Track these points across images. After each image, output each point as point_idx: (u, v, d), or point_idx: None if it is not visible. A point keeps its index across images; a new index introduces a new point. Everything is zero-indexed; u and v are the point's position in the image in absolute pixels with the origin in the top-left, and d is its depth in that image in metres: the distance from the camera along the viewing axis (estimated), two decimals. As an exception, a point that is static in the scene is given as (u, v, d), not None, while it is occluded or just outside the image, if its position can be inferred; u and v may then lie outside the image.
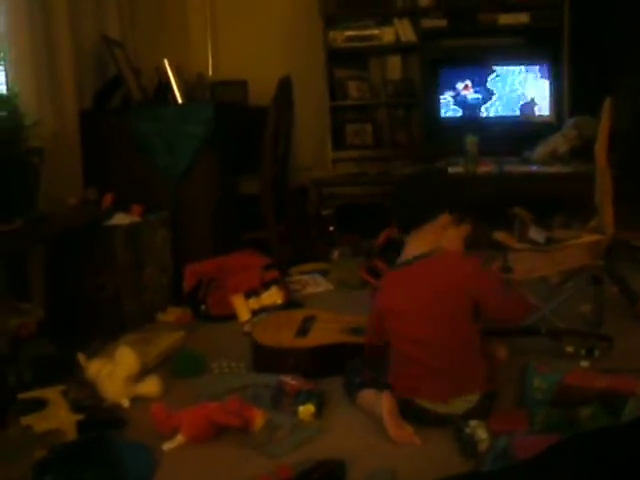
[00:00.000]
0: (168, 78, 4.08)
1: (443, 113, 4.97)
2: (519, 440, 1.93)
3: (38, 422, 2.32)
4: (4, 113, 2.92)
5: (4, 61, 3.36)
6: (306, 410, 2.34)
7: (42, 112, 3.34)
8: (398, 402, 2.24)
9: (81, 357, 2.65)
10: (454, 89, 4.96)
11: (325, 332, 2.83)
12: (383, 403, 2.25)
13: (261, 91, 4.57)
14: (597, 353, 2.66)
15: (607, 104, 2.97)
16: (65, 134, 3.56)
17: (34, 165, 2.97)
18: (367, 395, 2.35)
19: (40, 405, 2.40)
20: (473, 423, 2.08)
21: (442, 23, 4.94)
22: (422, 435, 2.18)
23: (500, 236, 2.97)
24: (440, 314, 2.25)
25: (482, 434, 2.06)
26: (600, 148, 2.95)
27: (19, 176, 2.86)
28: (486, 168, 4.36)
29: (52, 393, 2.46)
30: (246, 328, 3.20)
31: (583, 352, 2.66)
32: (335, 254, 4.21)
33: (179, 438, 2.22)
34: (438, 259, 2.32)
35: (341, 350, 2.70)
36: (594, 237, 2.89)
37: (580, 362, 2.59)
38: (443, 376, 2.23)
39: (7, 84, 3.34)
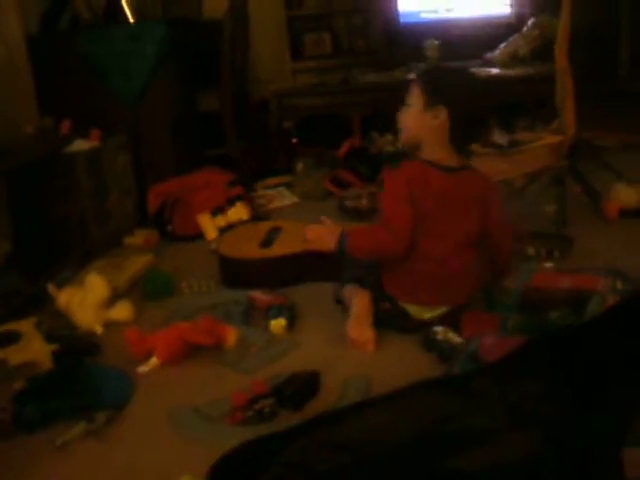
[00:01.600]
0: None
1: (401, 18, 4.89)
2: (486, 342, 1.97)
3: (13, 355, 2.33)
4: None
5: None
6: (277, 324, 2.37)
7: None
8: (381, 304, 2.28)
9: (51, 287, 2.64)
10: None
11: (289, 242, 2.84)
12: (355, 303, 2.29)
13: (216, 4, 4.45)
14: (557, 254, 2.71)
15: (565, 3, 2.94)
16: (13, 61, 3.46)
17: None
18: (349, 291, 2.38)
19: (14, 338, 2.42)
20: (440, 329, 2.13)
21: None
22: (395, 342, 2.23)
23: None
24: (461, 231, 2.24)
25: (455, 338, 2.10)
26: (560, 47, 2.93)
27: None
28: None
29: (25, 325, 2.48)
30: (213, 246, 3.21)
31: (543, 253, 2.70)
32: (299, 166, 4.19)
33: (154, 360, 2.24)
34: (473, 173, 2.30)
35: (306, 259, 2.71)
36: (556, 138, 2.90)
37: (545, 263, 2.63)
38: (442, 285, 2.25)
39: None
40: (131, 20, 3.97)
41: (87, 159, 3.35)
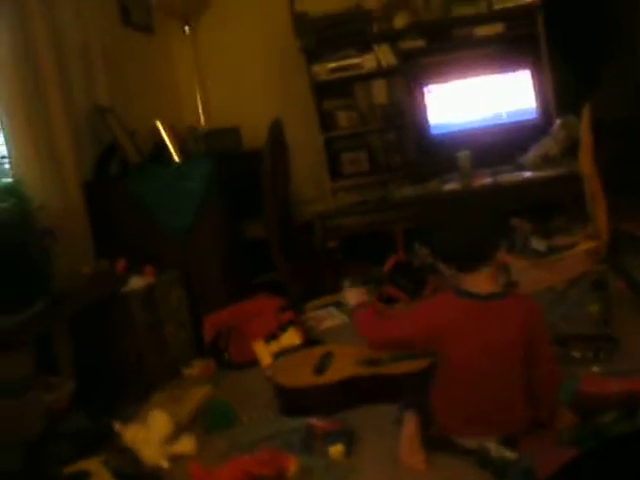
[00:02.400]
0: (162, 138, 4.20)
1: (433, 130, 5.07)
2: (540, 456, 2.01)
3: (84, 495, 2.43)
4: (12, 201, 3.03)
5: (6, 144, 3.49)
6: (336, 450, 2.44)
7: (47, 191, 3.47)
8: (431, 427, 2.33)
9: (117, 425, 2.75)
10: (440, 106, 5.06)
11: (342, 367, 2.93)
12: (405, 426, 2.35)
13: (255, 135, 4.69)
14: (602, 356, 2.73)
15: (585, 111, 3.07)
16: (72, 208, 3.69)
17: (46, 246, 3.08)
18: (403, 415, 2.43)
19: (84, 477, 2.52)
20: (493, 445, 2.16)
21: (420, 43, 5.05)
22: (444, 461, 2.27)
23: (502, 256, 3.05)
24: (500, 357, 2.21)
25: (509, 454, 2.13)
26: (584, 156, 3.04)
27: (33, 259, 2.97)
28: (481, 181, 4.45)
29: (94, 464, 2.58)
30: (268, 373, 3.30)
31: (590, 355, 2.73)
32: (346, 284, 4.30)
33: (219, 495, 2.31)
34: (512, 301, 2.28)
35: (359, 382, 2.81)
36: (591, 244, 2.98)
37: (591, 367, 2.66)
38: (489, 420, 2.23)
39: (11, 168, 3.48)
40: (176, 159, 4.19)
41: (142, 296, 3.51)
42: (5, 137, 3.48)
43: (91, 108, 4.10)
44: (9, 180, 3.31)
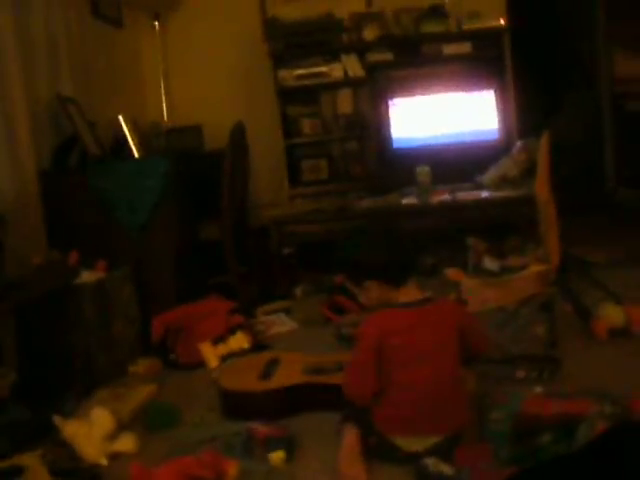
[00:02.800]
0: (124, 133, 4.17)
1: (395, 144, 5.10)
2: (477, 474, 2.03)
3: (17, 490, 2.39)
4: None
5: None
6: (277, 456, 2.43)
7: (1, 177, 3.42)
8: (370, 439, 2.35)
9: (57, 419, 2.71)
10: (404, 119, 5.10)
11: (287, 374, 2.93)
12: (345, 437, 2.36)
13: (217, 135, 4.68)
14: (546, 376, 2.78)
15: (544, 138, 3.12)
16: (25, 196, 3.63)
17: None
18: (341, 427, 2.45)
19: (18, 472, 2.47)
20: (432, 461, 2.19)
21: (388, 57, 5.10)
22: (388, 474, 2.28)
23: (451, 273, 3.10)
24: (439, 356, 2.33)
25: (447, 470, 2.16)
26: (540, 183, 3.10)
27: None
28: (439, 197, 4.50)
29: (30, 459, 2.53)
30: (214, 375, 3.29)
31: (534, 375, 2.78)
32: (298, 292, 4.31)
33: (156, 495, 2.29)
34: (439, 304, 2.44)
35: (304, 390, 2.81)
36: (541, 267, 3.03)
37: (534, 387, 2.70)
38: (430, 415, 2.30)
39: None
40: (136, 155, 4.16)
41: (93, 290, 3.47)
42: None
43: (53, 97, 4.05)
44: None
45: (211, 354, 3.56)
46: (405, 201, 4.59)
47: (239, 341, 3.63)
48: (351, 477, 2.27)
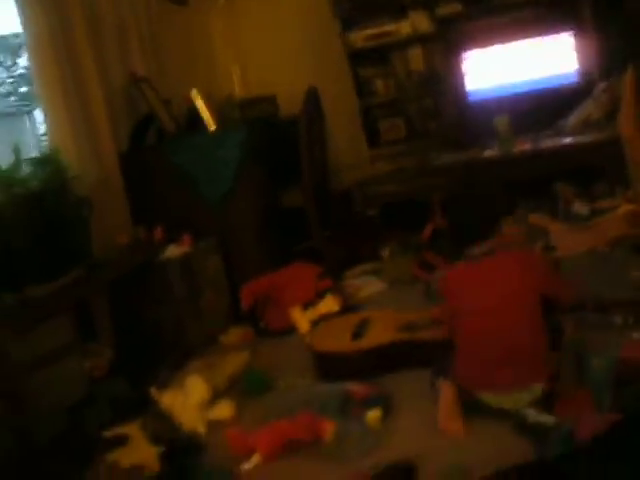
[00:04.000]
0: (197, 107, 4.18)
1: (471, 97, 4.98)
2: (581, 422, 1.97)
3: (123, 458, 2.46)
4: (48, 171, 3.05)
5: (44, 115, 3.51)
6: (373, 415, 2.42)
7: (83, 161, 3.48)
8: (462, 394, 2.31)
9: (154, 391, 2.77)
10: (479, 71, 4.96)
11: (379, 332, 2.91)
12: (442, 393, 2.33)
13: (291, 102, 4.63)
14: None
15: (629, 72, 2.98)
16: (108, 178, 3.70)
17: (83, 215, 3.10)
18: (438, 382, 2.42)
19: (123, 441, 2.54)
20: (531, 412, 2.13)
21: (457, 8, 4.94)
22: (489, 426, 2.23)
23: (534, 219, 3.01)
24: (512, 309, 2.31)
25: (548, 419, 2.10)
26: (624, 118, 2.96)
27: (71, 228, 2.99)
28: (522, 147, 4.37)
29: (132, 429, 2.60)
30: (306, 339, 3.29)
31: (632, 321, 2.66)
32: (385, 252, 4.27)
33: (256, 458, 2.32)
34: (506, 257, 2.42)
35: (397, 348, 2.79)
36: (630, 207, 2.91)
37: (632, 333, 2.59)
38: (508, 367, 2.25)
39: (48, 139, 3.50)
40: (211, 128, 4.16)
41: (180, 264, 3.51)
42: (42, 109, 3.50)
43: (127, 79, 4.09)
44: (45, 150, 3.31)
45: (302, 319, 3.56)
46: (486, 153, 4.48)
47: (329, 305, 3.62)
48: (450, 432, 2.25)
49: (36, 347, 2.93)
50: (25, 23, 3.44)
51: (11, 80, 4.35)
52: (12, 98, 4.33)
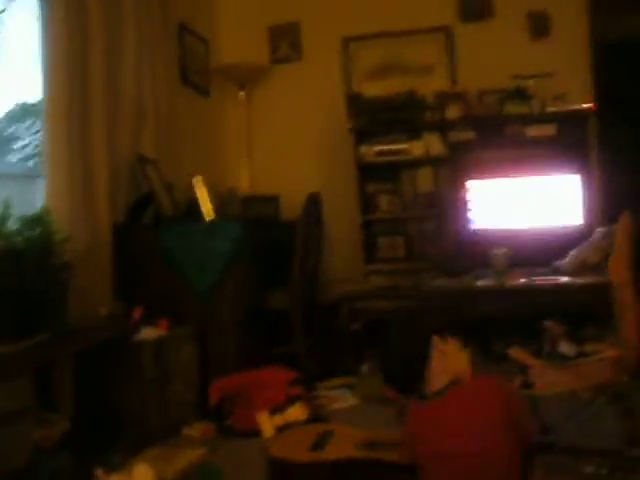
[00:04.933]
0: (198, 195, 4.18)
1: (473, 225, 4.99)
2: None
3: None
4: (37, 230, 3.02)
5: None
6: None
7: (75, 227, 3.46)
8: None
9: (99, 472, 2.65)
10: (483, 201, 4.99)
11: (340, 446, 2.79)
12: None
13: (294, 206, 4.66)
14: (619, 475, 2.55)
15: (624, 217, 2.97)
16: (97, 248, 3.66)
17: (62, 280, 3.04)
18: None
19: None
20: None
21: (470, 136, 5.03)
22: None
23: (515, 353, 2.94)
24: (494, 450, 2.22)
25: None
26: (616, 263, 2.94)
27: (47, 291, 2.93)
28: (516, 280, 4.34)
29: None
30: (266, 443, 3.17)
31: (604, 472, 2.56)
32: (364, 368, 4.18)
33: None
34: (473, 388, 2.32)
35: (354, 465, 2.66)
36: (615, 352, 2.84)
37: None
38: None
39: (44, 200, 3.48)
40: (207, 218, 4.15)
41: (152, 347, 3.43)
42: (43, 164, 3.51)
43: (134, 156, 4.12)
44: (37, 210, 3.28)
45: (267, 423, 3.45)
46: (480, 283, 4.44)
47: (297, 413, 3.51)
48: None
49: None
50: (46, 89, 3.50)
51: (36, 144, 4.44)
52: (31, 162, 4.41)
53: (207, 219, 4.16)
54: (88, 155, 3.72)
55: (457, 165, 5.07)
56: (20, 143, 4.62)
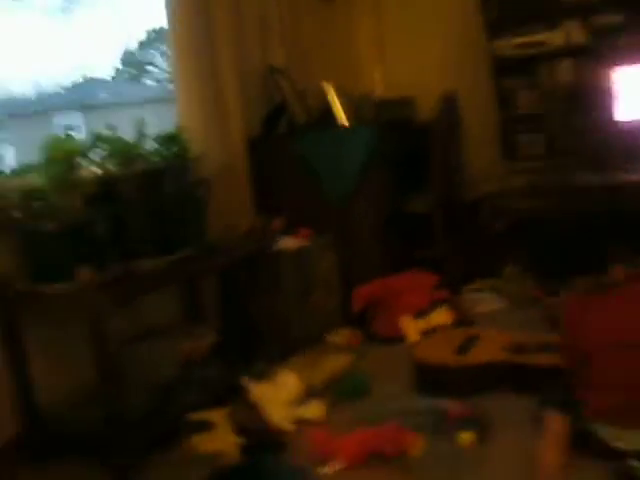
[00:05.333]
0: (330, 101, 4.12)
1: (620, 116, 4.69)
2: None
3: (204, 443, 2.42)
4: (173, 149, 3.06)
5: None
6: (467, 437, 2.28)
7: (209, 143, 3.48)
8: (575, 428, 2.13)
9: (245, 380, 2.72)
10: (631, 90, 4.67)
11: (485, 350, 2.75)
12: (549, 426, 2.14)
13: (430, 107, 4.52)
14: None
15: None
16: (233, 162, 3.68)
17: (201, 196, 3.08)
18: (547, 413, 2.23)
19: (206, 427, 2.51)
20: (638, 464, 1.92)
21: (616, 19, 4.66)
22: (589, 470, 2.05)
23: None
24: None
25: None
26: None
27: (187, 208, 2.98)
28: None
29: (218, 415, 2.56)
30: (414, 349, 3.16)
31: None
32: (507, 270, 4.07)
33: (335, 463, 2.22)
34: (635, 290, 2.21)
35: (500, 368, 2.64)
36: None
37: None
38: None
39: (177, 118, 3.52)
40: (342, 123, 4.09)
41: (293, 257, 3.45)
42: (175, 90, 3.53)
43: (264, 67, 4.08)
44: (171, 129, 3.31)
45: (412, 328, 3.44)
46: (631, 177, 4.19)
47: (441, 316, 3.49)
48: (549, 469, 2.06)
49: (138, 321, 2.96)
50: (170, 13, 3.49)
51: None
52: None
53: (341, 125, 4.09)
54: (217, 72, 3.69)
55: (602, 53, 4.73)
56: (147, 68, 4.68)
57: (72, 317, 2.57)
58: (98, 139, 2.68)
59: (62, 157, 2.43)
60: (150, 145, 3.01)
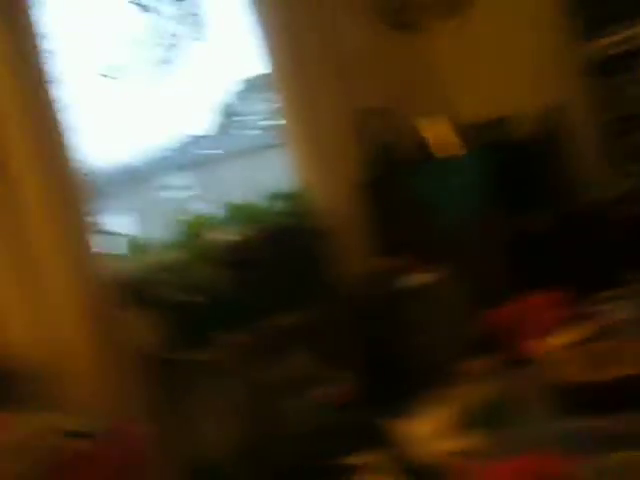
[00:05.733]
0: (427, 135, 4.17)
1: None
2: None
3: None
4: (295, 205, 3.17)
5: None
6: (623, 456, 2.25)
7: (322, 194, 3.58)
8: None
9: (394, 421, 2.78)
10: None
11: (624, 364, 2.71)
12: None
13: (528, 123, 4.51)
14: None
15: None
16: (346, 210, 3.77)
17: (326, 248, 3.18)
18: None
19: (350, 471, 2.57)
20: None
21: None
22: None
23: None
24: None
25: None
26: None
27: (312, 260, 3.09)
28: None
29: (374, 457, 2.62)
30: (549, 369, 3.14)
31: None
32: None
33: (497, 495, 2.24)
34: None
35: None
36: None
37: None
38: None
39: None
40: (445, 154, 4.13)
41: (424, 292, 3.51)
42: (280, 136, 3.63)
43: (360, 111, 4.16)
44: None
45: (547, 348, 3.41)
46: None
47: (576, 332, 3.45)
48: None
49: (284, 373, 3.07)
50: (271, 63, 3.62)
51: (262, 117, 4.63)
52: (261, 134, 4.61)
53: (445, 156, 4.14)
54: (321, 116, 3.81)
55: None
56: (247, 118, 4.82)
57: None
58: (229, 209, 2.82)
59: (198, 232, 2.57)
60: (272, 204, 3.14)
